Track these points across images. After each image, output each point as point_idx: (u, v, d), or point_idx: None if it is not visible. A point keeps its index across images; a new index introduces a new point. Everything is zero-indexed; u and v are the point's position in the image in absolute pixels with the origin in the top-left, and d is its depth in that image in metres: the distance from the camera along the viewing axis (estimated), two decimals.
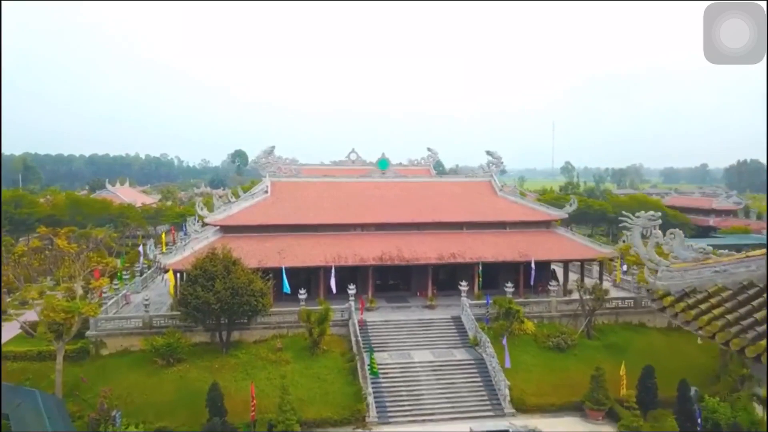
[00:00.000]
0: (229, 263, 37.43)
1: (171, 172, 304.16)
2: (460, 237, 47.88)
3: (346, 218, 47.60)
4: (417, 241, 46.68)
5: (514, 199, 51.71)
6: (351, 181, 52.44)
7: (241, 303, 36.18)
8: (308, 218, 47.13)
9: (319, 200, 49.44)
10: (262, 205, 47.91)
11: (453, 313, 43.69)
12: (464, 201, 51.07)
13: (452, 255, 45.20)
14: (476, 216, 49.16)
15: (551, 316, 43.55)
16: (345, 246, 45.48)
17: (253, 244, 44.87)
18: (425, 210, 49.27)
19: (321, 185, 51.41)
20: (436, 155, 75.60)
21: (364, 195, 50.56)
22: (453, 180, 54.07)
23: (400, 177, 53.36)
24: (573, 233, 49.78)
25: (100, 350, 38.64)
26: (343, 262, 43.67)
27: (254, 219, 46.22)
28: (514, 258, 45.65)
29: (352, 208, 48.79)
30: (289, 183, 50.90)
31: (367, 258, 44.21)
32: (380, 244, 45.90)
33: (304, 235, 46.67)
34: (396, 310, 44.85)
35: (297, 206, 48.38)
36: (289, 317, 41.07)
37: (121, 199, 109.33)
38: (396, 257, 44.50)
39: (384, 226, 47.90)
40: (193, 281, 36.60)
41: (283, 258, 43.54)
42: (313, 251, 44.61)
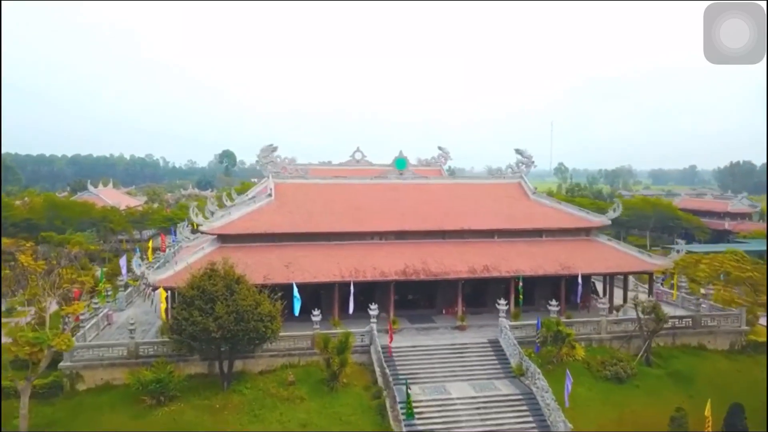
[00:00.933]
0: (231, 281, 31.30)
1: (156, 172, 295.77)
2: (492, 247, 42.10)
3: (361, 225, 41.64)
4: (443, 252, 40.84)
5: (549, 203, 46.03)
6: (365, 183, 46.47)
7: (247, 330, 30.08)
8: (319, 225, 41.09)
9: (330, 204, 43.41)
10: (265, 211, 41.78)
11: (488, 335, 37.90)
12: (493, 205, 45.32)
13: (485, 268, 39.39)
14: (508, 222, 43.41)
15: (600, 339, 37.90)
16: (362, 258, 39.51)
17: (255, 255, 38.77)
18: (450, 216, 43.44)
19: (331, 188, 45.38)
20: (448, 154, 69.66)
21: (381, 199, 44.62)
22: (479, 182, 48.38)
23: (419, 178, 47.48)
24: (618, 242, 44.17)
25: (75, 385, 32.32)
26: (360, 277, 37.69)
27: (257, 226, 40.09)
28: (556, 271, 39.94)
29: (368, 213, 42.83)
30: (295, 185, 44.83)
31: (389, 272, 38.27)
32: (402, 256, 39.99)
33: (315, 245, 40.63)
34: (422, 332, 38.92)
35: (305, 211, 42.31)
36: (300, 342, 35.04)
37: (104, 201, 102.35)
38: (421, 271, 38.61)
39: (405, 234, 42.00)
40: (189, 303, 30.43)
41: (292, 272, 37.48)
42: (325, 264, 38.58)
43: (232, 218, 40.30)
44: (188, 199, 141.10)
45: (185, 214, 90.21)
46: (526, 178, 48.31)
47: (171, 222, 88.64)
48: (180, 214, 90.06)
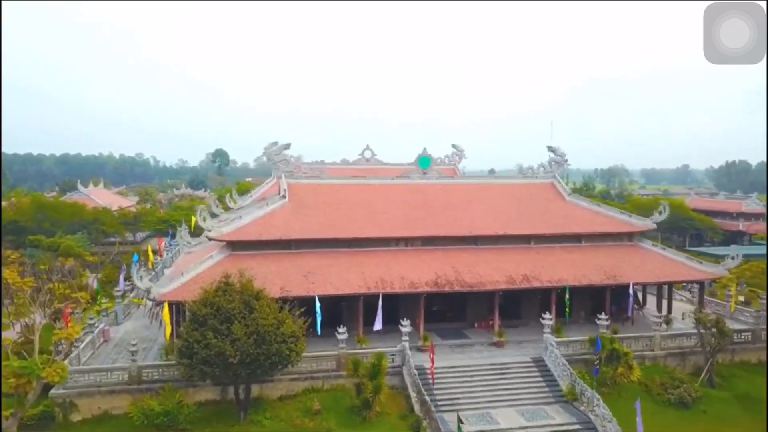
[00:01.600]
0: (249, 297, 27.28)
1: (147, 172, 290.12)
2: (529, 254, 38.31)
3: (385, 230, 37.69)
4: (477, 260, 37.01)
5: (587, 205, 42.31)
6: (385, 183, 42.51)
7: (269, 353, 26.08)
8: (338, 230, 37.10)
9: (349, 207, 39.44)
10: (279, 214, 37.73)
11: (529, 352, 34.20)
12: (527, 207, 41.54)
13: (524, 278, 35.60)
14: (545, 227, 39.63)
15: (654, 356, 34.26)
16: (388, 266, 35.61)
17: (270, 264, 34.78)
18: (481, 219, 39.59)
19: (349, 188, 41.40)
20: (463, 153, 65.98)
21: (404, 200, 40.69)
22: (509, 182, 44.58)
23: (445, 178, 43.62)
24: (663, 247, 40.53)
25: (69, 415, 28.17)
26: (389, 289, 33.78)
27: (271, 232, 36.06)
28: (601, 280, 36.22)
29: (391, 217, 38.89)
30: (310, 186, 40.80)
31: (419, 283, 34.38)
32: (431, 264, 36.15)
33: (335, 252, 36.67)
34: (456, 349, 35.08)
35: (322, 215, 38.31)
36: (324, 364, 31.10)
37: (95, 202, 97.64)
38: (455, 281, 34.76)
39: (433, 240, 38.13)
40: (202, 323, 26.39)
41: (312, 283, 33.52)
42: (348, 274, 34.64)
43: (243, 223, 36.23)
44: (182, 199, 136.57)
45: (181, 216, 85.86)
46: (559, 178, 44.53)
47: (166, 224, 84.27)
48: (176, 216, 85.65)
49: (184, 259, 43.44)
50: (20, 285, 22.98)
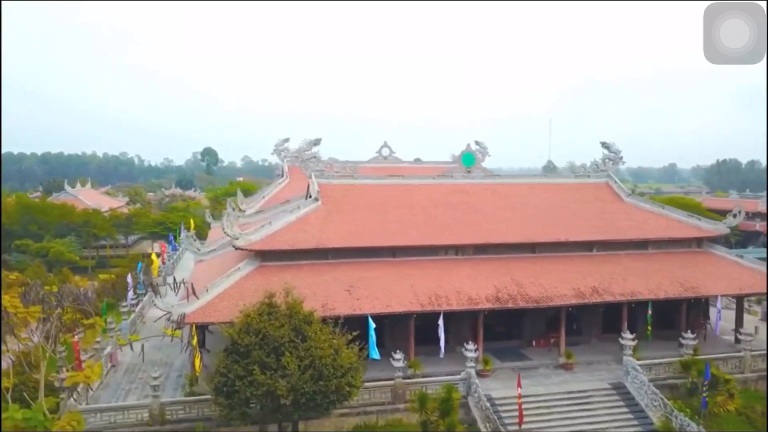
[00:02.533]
0: (300, 321, 22.62)
1: (131, 171, 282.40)
2: (592, 262, 34.09)
3: (433, 237, 33.21)
4: (537, 270, 32.71)
5: (648, 207, 38.19)
6: (426, 183, 38.00)
7: (327, 390, 21.48)
8: (381, 237, 32.55)
9: (389, 210, 34.90)
10: (312, 219, 33.07)
11: (604, 376, 30.11)
12: (584, 210, 37.31)
13: (594, 291, 31.36)
14: (608, 231, 35.42)
15: (744, 379, 30.27)
16: (439, 279, 31.17)
17: (306, 277, 30.16)
18: (538, 223, 35.27)
19: (387, 189, 36.84)
20: (486, 150, 61.24)
21: (450, 202, 36.24)
22: (560, 181, 40.32)
23: (491, 177, 39.29)
24: (732, 253, 36.57)
25: None
26: (444, 305, 29.34)
27: (306, 240, 31.40)
28: (679, 293, 32.10)
29: (437, 221, 34.42)
30: (343, 186, 36.18)
31: (478, 298, 29.98)
32: (488, 276, 31.78)
33: (377, 262, 32.15)
34: (520, 373, 30.69)
35: (361, 219, 33.73)
36: (379, 395, 26.67)
37: (84, 203, 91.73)
38: (518, 296, 30.40)
39: (486, 248, 33.73)
40: (243, 354, 21.71)
41: (357, 299, 28.97)
42: (396, 288, 30.13)
43: (273, 230, 31.52)
44: (174, 199, 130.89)
45: (177, 218, 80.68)
46: (614, 176, 40.36)
47: (162, 226, 78.97)
48: (172, 218, 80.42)
49: (198, 270, 38.55)
50: (24, 315, 18.13)
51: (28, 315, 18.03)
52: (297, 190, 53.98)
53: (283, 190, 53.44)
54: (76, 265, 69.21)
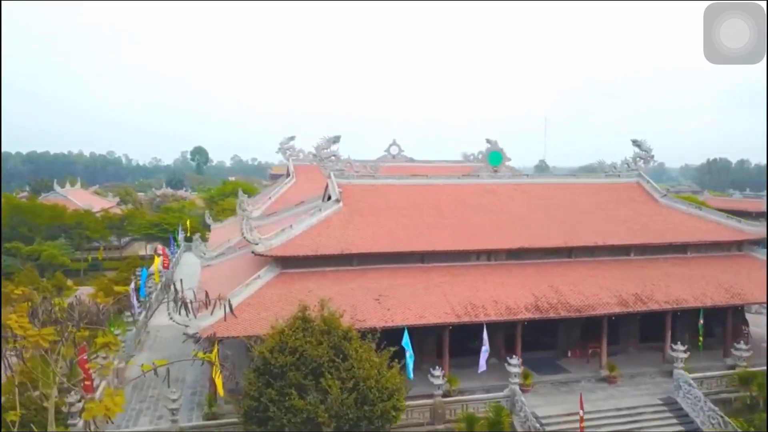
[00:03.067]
0: (339, 338, 20.34)
1: (119, 170, 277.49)
2: (631, 267, 32.13)
3: (464, 241, 31.01)
4: (575, 276, 30.69)
5: (685, 209, 36.28)
6: (451, 183, 35.81)
7: (372, 416, 19.22)
8: (408, 241, 30.30)
9: (414, 212, 32.68)
10: (334, 222, 30.76)
11: (652, 390, 28.17)
12: (619, 211, 35.32)
13: (637, 298, 29.39)
14: (646, 235, 33.45)
15: None
16: (473, 286, 29.01)
17: (331, 285, 27.88)
18: (572, 226, 33.21)
19: (410, 190, 34.61)
20: None
21: (478, 204, 34.09)
22: (590, 181, 38.28)
23: (519, 177, 37.17)
24: None
25: None
26: (482, 315, 27.19)
27: (329, 244, 29.08)
28: (724, 300, 30.22)
29: (467, 224, 32.24)
30: (364, 187, 33.90)
31: (517, 308, 27.87)
32: (525, 283, 29.69)
33: (405, 268, 29.92)
34: (560, 387, 28.70)
35: (385, 222, 31.48)
36: (416, 415, 24.42)
37: (74, 203, 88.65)
38: (559, 305, 28.33)
39: (520, 252, 31.60)
40: (277, 375, 19.40)
41: (388, 309, 26.73)
42: (428, 296, 27.93)
43: (294, 234, 29.15)
44: (165, 199, 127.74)
45: (173, 218, 78.00)
46: (646, 176, 38.42)
47: (158, 228, 76.18)
48: (168, 218, 77.65)
49: (207, 276, 36.09)
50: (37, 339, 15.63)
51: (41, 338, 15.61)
52: (305, 190, 51.68)
53: (290, 190, 51.05)
54: (67, 268, 66.39)
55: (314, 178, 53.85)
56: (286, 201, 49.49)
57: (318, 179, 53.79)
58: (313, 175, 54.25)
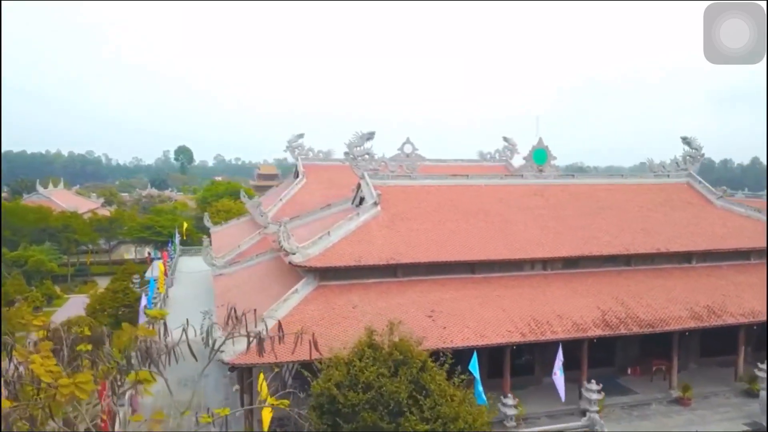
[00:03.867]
0: (415, 368, 17.16)
1: (99, 170, 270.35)
2: (695, 276, 29.48)
3: (518, 249, 27.98)
4: (639, 287, 27.96)
5: (742, 211, 33.76)
6: (494, 183, 32.81)
7: None
8: (457, 250, 27.19)
9: (459, 216, 29.61)
10: (374, 228, 27.56)
11: (734, 414, 25.37)
12: (674, 214, 32.65)
13: (709, 311, 26.70)
14: (707, 240, 30.80)
15: None
16: (532, 300, 26.07)
17: (377, 299, 24.74)
18: (629, 231, 30.44)
19: (450, 191, 31.55)
20: (516, 147, 56.59)
21: (527, 207, 31.13)
22: (639, 182, 35.50)
23: (564, 177, 34.24)
24: None
25: None
26: (548, 333, 24.27)
27: (373, 253, 25.89)
28: None
29: (518, 230, 29.25)
30: (401, 188, 30.80)
31: (584, 323, 24.98)
32: (587, 295, 26.85)
33: (455, 279, 26.87)
34: (631, 411, 25.95)
35: (428, 228, 28.35)
36: None
37: (58, 205, 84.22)
38: (629, 320, 25.51)
39: (577, 261, 28.73)
40: (347, 416, 16.16)
41: (443, 328, 23.66)
42: (485, 311, 24.90)
43: (332, 242, 25.88)
44: (151, 200, 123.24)
45: (166, 221, 74.01)
46: (696, 176, 35.82)
47: (150, 230, 72.12)
48: (161, 221, 73.59)
49: (223, 287, 32.69)
50: (71, 390, 12.26)
51: (77, 389, 12.19)
52: (315, 191, 48.40)
53: (301, 191, 47.62)
54: (54, 274, 62.29)
55: (325, 178, 50.68)
56: (298, 203, 46.09)
57: (329, 180, 50.73)
58: (324, 174, 51.09)
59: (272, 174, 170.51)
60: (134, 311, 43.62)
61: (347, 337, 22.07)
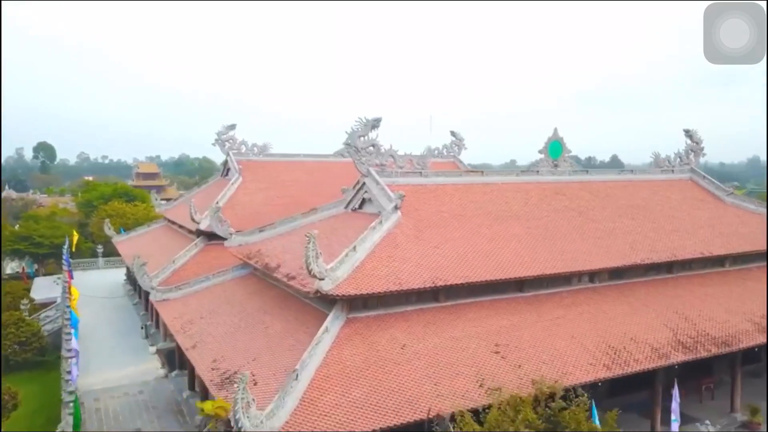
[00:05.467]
0: None
1: None
2: (734, 281, 27.02)
3: (563, 261, 23.36)
4: (694, 298, 24.80)
5: (754, 208, 31.83)
6: (510, 181, 27.99)
7: None
8: (500, 265, 21.97)
9: (489, 222, 24.51)
10: (401, 239, 21.66)
11: None
12: (697, 214, 30.03)
13: None
14: (739, 242, 28.34)
15: None
16: (593, 320, 21.83)
17: (424, 333, 19.24)
18: (663, 234, 27.13)
19: (467, 191, 26.32)
20: (462, 141, 52.98)
21: (554, 209, 26.77)
22: (648, 177, 32.29)
23: (579, 174, 30.14)
24: None
25: None
26: (631, 363, 20.22)
27: (410, 273, 20.00)
28: None
29: (555, 236, 24.73)
30: (414, 188, 24.83)
31: (661, 346, 21.22)
32: (647, 311, 23.16)
33: (503, 300, 21.94)
34: None
35: (461, 237, 22.98)
36: None
37: None
38: (701, 338, 22.20)
39: (623, 271, 24.86)
40: None
41: (518, 367, 18.69)
42: (553, 340, 20.21)
43: (358, 259, 19.68)
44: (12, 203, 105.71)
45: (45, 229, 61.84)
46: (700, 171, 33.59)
47: (27, 242, 59.68)
48: (40, 229, 61.20)
49: (175, 318, 25.13)
50: None
51: None
52: (255, 192, 41.57)
53: (238, 193, 40.23)
54: None
55: (263, 176, 43.62)
56: (238, 206, 38.72)
57: (268, 178, 43.62)
58: (262, 172, 44.01)
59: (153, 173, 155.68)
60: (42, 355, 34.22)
61: (408, 391, 16.39)
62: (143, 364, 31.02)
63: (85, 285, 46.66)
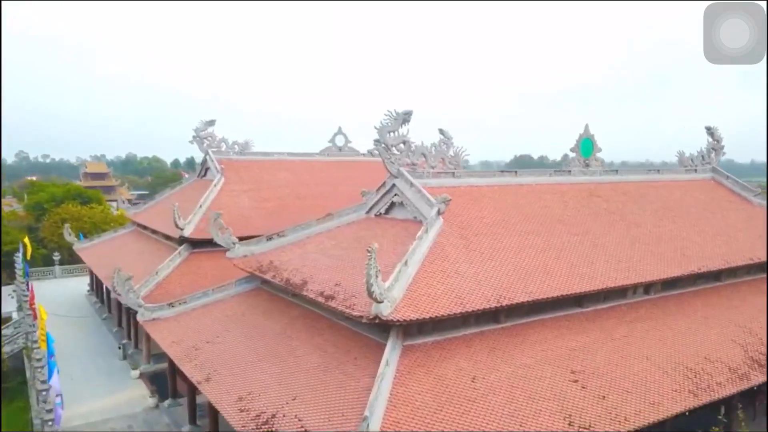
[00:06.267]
0: None
1: None
2: None
3: (621, 272, 20.99)
4: (751, 308, 23.02)
5: None
6: (543, 182, 25.48)
7: None
8: (558, 280, 19.44)
9: (535, 227, 21.91)
10: (448, 249, 18.76)
11: None
12: (731, 215, 28.37)
13: None
14: None
15: None
16: (661, 338, 19.69)
17: (491, 362, 16.57)
18: (705, 239, 25.26)
19: (503, 192, 23.71)
20: (451, 140, 50.21)
21: (595, 213, 24.46)
22: (673, 177, 30.36)
23: (609, 174, 27.85)
24: None
25: None
26: (714, 386, 17.98)
27: (468, 290, 17.13)
28: None
29: (604, 244, 22.37)
30: (451, 191, 21.85)
31: (738, 366, 19.28)
32: (712, 325, 21.23)
33: (564, 318, 19.44)
34: None
35: (514, 247, 20.28)
36: None
37: None
38: None
39: (676, 281, 22.78)
40: None
41: (603, 398, 16.23)
42: (629, 363, 17.96)
43: (410, 275, 16.70)
44: None
45: None
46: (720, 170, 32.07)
47: None
48: None
49: (173, 343, 21.51)
50: None
51: None
52: (240, 193, 38.08)
53: (221, 195, 36.52)
54: None
55: (247, 176, 40.04)
56: (223, 210, 34.88)
57: (252, 179, 40.00)
58: (245, 172, 40.41)
59: (102, 173, 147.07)
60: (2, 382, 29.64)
61: None
62: (126, 391, 26.97)
63: (43, 297, 41.56)
